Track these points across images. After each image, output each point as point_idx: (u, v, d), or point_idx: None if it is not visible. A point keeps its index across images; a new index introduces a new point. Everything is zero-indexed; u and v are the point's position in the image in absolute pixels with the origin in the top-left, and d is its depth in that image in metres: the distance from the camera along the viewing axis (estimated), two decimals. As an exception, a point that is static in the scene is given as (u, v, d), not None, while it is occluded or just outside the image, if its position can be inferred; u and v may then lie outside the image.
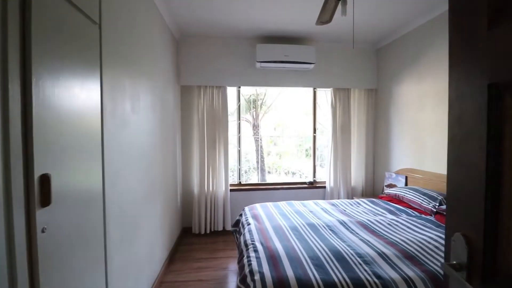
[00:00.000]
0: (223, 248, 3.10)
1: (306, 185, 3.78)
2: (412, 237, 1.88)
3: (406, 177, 3.15)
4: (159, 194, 2.47)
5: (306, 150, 5.27)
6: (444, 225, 2.07)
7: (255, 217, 2.29)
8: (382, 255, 1.62)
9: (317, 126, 3.89)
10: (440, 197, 2.40)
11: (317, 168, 3.94)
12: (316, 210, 2.51)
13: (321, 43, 3.61)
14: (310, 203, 2.76)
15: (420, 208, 2.46)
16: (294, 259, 1.56)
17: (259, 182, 4.01)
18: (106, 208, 1.42)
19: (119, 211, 1.61)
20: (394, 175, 3.34)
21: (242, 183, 3.74)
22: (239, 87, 3.66)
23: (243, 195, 3.60)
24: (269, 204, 2.69)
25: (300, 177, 5.81)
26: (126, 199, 1.72)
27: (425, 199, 2.45)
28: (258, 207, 2.57)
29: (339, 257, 1.59)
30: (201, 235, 3.40)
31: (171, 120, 3.00)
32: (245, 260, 1.60)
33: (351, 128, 3.73)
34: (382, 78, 3.68)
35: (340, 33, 3.32)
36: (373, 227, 2.07)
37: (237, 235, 2.39)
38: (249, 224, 2.13)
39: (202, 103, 3.41)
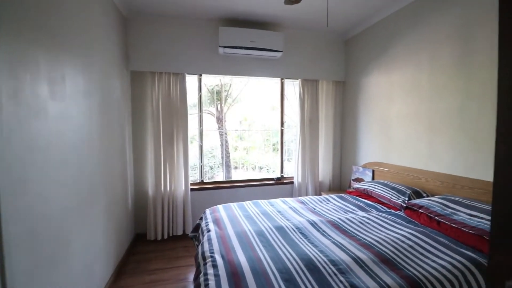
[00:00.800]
0: (183, 255, 2.77)
1: (273, 181, 3.58)
2: (385, 236, 1.75)
3: (373, 171, 3.10)
4: (101, 199, 2.06)
5: (274, 145, 5.11)
6: (415, 221, 2.00)
7: (217, 221, 2.01)
8: (357, 260, 1.45)
9: (285, 119, 3.69)
10: (408, 191, 2.34)
11: (285, 162, 3.76)
12: (284, 209, 2.31)
13: (289, 30, 3.39)
14: (278, 202, 2.55)
15: (389, 203, 2.38)
16: (260, 274, 1.31)
17: (224, 179, 3.71)
18: (2, 228, 1.03)
19: (30, 228, 1.21)
20: (361, 168, 3.29)
21: (204, 181, 3.41)
22: (200, 75, 3.30)
23: (206, 195, 3.29)
24: (233, 205, 2.42)
25: (268, 171, 5.65)
26: (43, 211, 1.32)
27: (394, 193, 2.38)
28: (221, 209, 2.28)
29: (311, 267, 1.39)
30: (157, 242, 3.02)
31: (118, 111, 2.55)
32: (202, 279, 1.31)
33: (319, 121, 3.60)
34: (350, 70, 3.59)
35: (309, 20, 3.12)
36: (345, 227, 1.91)
37: (197, 243, 2.09)
38: (209, 230, 1.84)
39: (157, 92, 2.99)
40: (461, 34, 2.15)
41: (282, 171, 3.69)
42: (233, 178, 3.85)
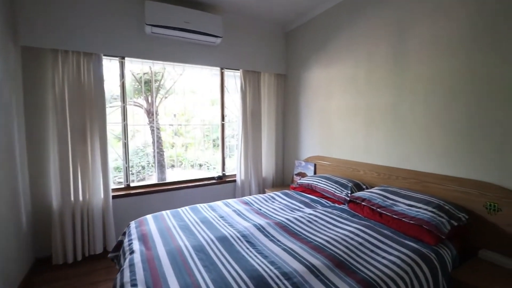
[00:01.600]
0: (104, 278, 2.24)
1: (214, 181, 3.27)
2: (334, 235, 1.66)
3: (315, 165, 3.09)
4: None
5: (214, 140, 4.80)
6: (359, 215, 1.98)
7: (143, 237, 1.61)
8: (311, 269, 1.29)
9: (226, 113, 3.41)
10: (350, 184, 2.35)
11: (227, 159, 3.49)
12: (227, 214, 2.04)
13: (229, 14, 3.09)
14: (220, 204, 2.26)
15: (333, 197, 2.36)
16: (199, 308, 1.01)
17: (157, 182, 3.22)
18: None
19: None
20: (303, 163, 3.26)
21: (131, 185, 2.88)
22: (123, 59, 2.73)
23: (134, 202, 2.77)
24: (166, 214, 2.03)
25: (208, 168, 5.31)
26: None
27: (337, 187, 2.37)
28: (150, 220, 1.87)
29: (263, 285, 1.16)
30: (68, 266, 2.39)
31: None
32: (117, 328, 0.94)
33: (261, 115, 3.44)
34: (291, 63, 3.52)
35: (251, 5, 2.88)
36: (294, 229, 1.76)
37: (118, 266, 1.65)
38: (132, 251, 1.44)
39: (61, 75, 2.33)
40: (394, 33, 2.21)
41: (223, 169, 3.41)
42: (169, 180, 3.39)
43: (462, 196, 1.79)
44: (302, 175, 3.24)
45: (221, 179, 3.31)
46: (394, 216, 1.78)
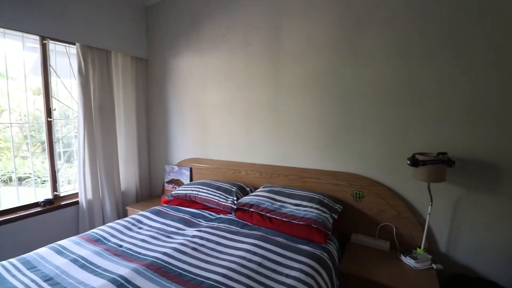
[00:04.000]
0: None
1: (40, 208, 2.15)
2: (229, 260, 1.32)
3: (191, 169, 2.66)
4: None
5: (43, 143, 3.38)
6: (249, 224, 1.71)
7: None
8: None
9: (59, 106, 2.32)
10: (234, 189, 2.10)
11: (66, 171, 2.40)
12: (60, 270, 1.23)
13: (48, -44, 2.05)
14: (46, 254, 1.37)
15: (218, 207, 2.02)
16: None
17: None
18: None
19: None
20: (176, 168, 2.74)
21: None
22: None
23: None
24: None
25: (36, 183, 3.75)
26: None
27: (221, 194, 2.05)
28: None
29: None
30: None
31: None
32: None
33: (115, 110, 2.59)
34: (154, 45, 2.85)
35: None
36: (177, 267, 1.27)
37: None
38: None
39: None
40: (270, 25, 2.11)
41: (55, 188, 2.32)
42: None
43: (335, 188, 1.91)
44: (176, 182, 2.72)
45: (53, 204, 2.23)
46: (284, 219, 1.67)
